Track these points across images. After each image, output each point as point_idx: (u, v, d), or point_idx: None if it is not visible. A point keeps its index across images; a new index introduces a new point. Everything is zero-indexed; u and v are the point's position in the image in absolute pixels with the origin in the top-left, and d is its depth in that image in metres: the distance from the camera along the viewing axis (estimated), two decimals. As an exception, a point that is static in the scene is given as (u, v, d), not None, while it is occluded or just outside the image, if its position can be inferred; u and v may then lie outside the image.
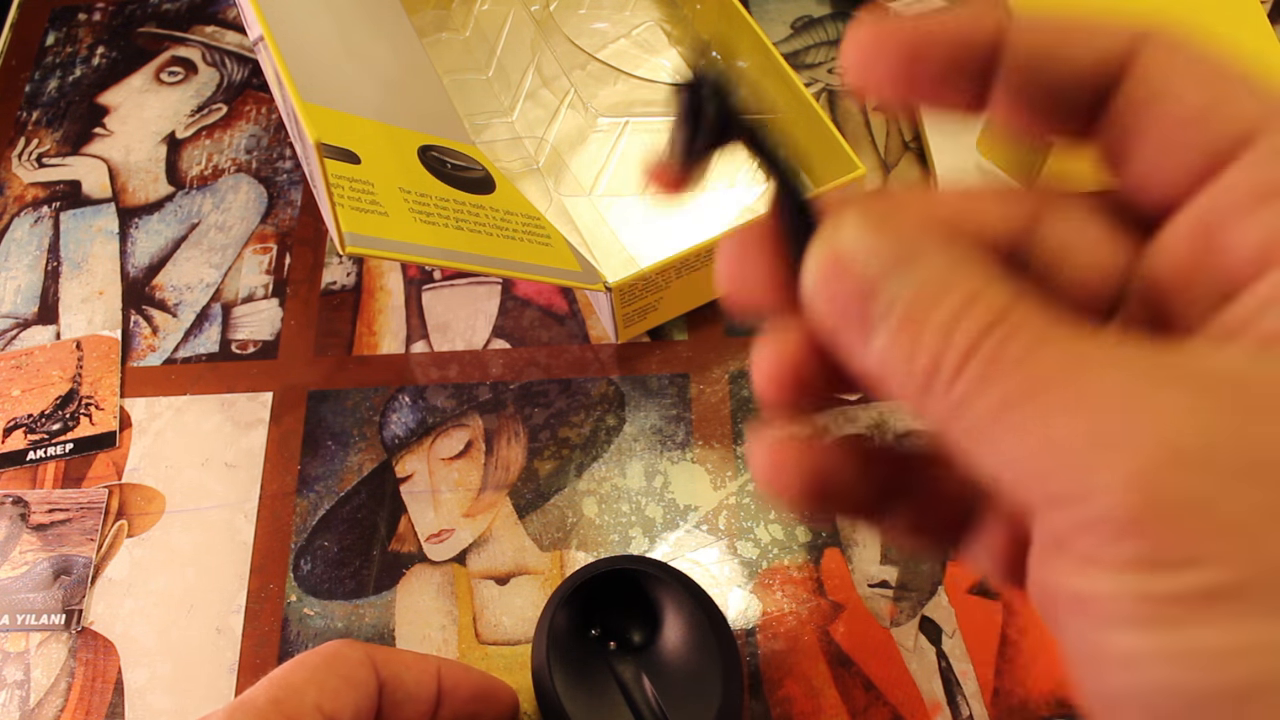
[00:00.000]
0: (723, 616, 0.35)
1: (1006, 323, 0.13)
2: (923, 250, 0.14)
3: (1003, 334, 0.13)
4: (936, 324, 0.14)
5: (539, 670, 0.34)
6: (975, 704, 0.37)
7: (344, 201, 0.34)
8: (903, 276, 0.14)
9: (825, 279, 0.15)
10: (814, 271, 0.15)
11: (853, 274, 0.15)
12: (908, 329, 0.14)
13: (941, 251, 0.14)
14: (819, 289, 0.15)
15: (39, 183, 0.53)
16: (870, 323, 0.14)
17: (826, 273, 0.15)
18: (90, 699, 0.39)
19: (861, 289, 0.14)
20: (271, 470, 0.43)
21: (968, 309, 0.14)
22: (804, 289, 0.15)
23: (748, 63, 0.49)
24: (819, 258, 0.15)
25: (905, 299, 0.14)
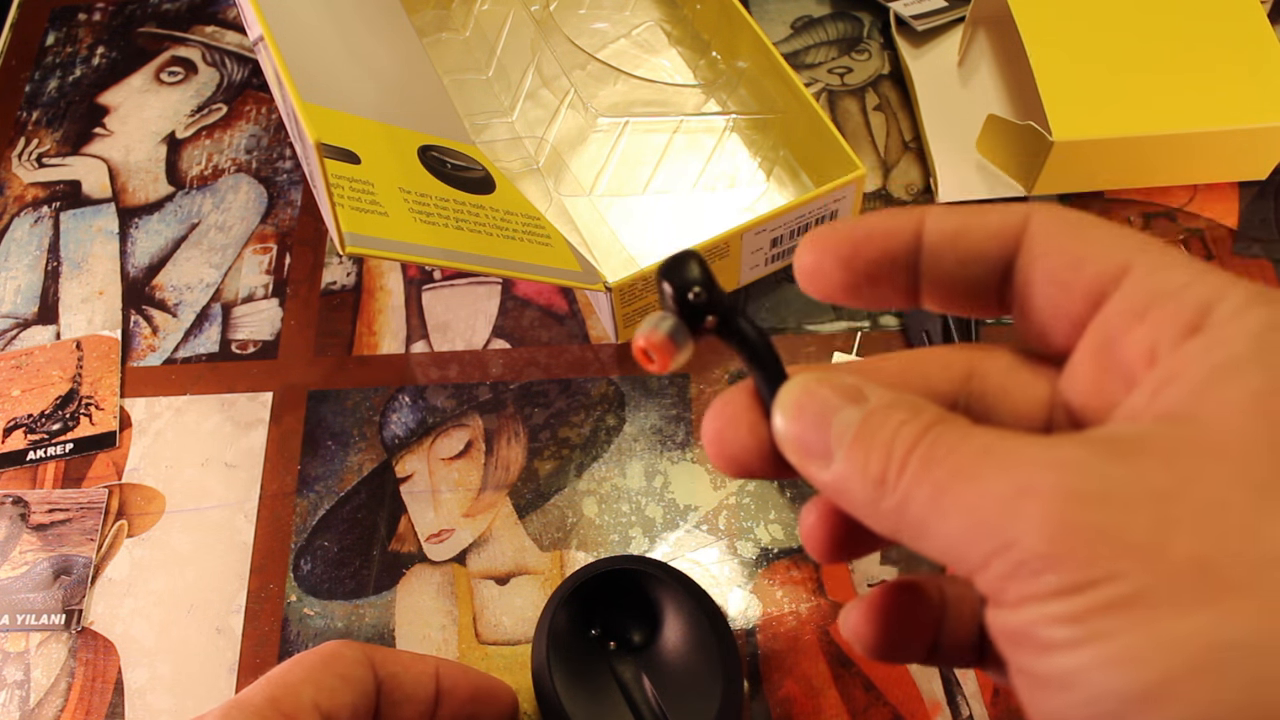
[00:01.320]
0: (723, 616, 0.35)
1: (935, 429, 0.16)
2: (867, 389, 0.18)
3: (933, 438, 0.16)
4: (881, 440, 0.16)
5: (539, 670, 0.34)
6: (975, 704, 0.37)
7: (344, 201, 0.34)
8: (852, 408, 0.17)
9: (791, 418, 0.18)
10: (782, 413, 0.18)
11: (812, 411, 0.18)
12: (859, 446, 0.17)
13: (883, 390, 0.17)
14: (787, 428, 0.18)
15: (39, 183, 0.53)
16: (828, 449, 0.17)
17: (792, 412, 0.18)
18: (90, 699, 0.39)
19: (820, 420, 0.17)
20: (271, 470, 0.43)
21: (905, 424, 0.16)
22: (775, 431, 0.18)
23: (748, 63, 0.49)
24: (785, 402, 0.18)
25: (855, 423, 0.17)
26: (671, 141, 0.48)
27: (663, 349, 0.19)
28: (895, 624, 0.22)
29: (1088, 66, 0.44)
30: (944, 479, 0.16)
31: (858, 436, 0.17)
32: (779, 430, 0.18)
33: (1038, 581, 0.14)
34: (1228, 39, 0.45)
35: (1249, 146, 0.44)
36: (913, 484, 0.16)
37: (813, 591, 0.39)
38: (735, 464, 0.19)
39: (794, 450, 0.18)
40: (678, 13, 0.52)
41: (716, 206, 0.46)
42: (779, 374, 0.19)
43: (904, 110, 0.50)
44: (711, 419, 0.19)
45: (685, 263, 0.19)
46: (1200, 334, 0.16)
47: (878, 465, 0.16)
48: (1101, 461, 0.15)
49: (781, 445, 0.18)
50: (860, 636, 0.22)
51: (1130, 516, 0.14)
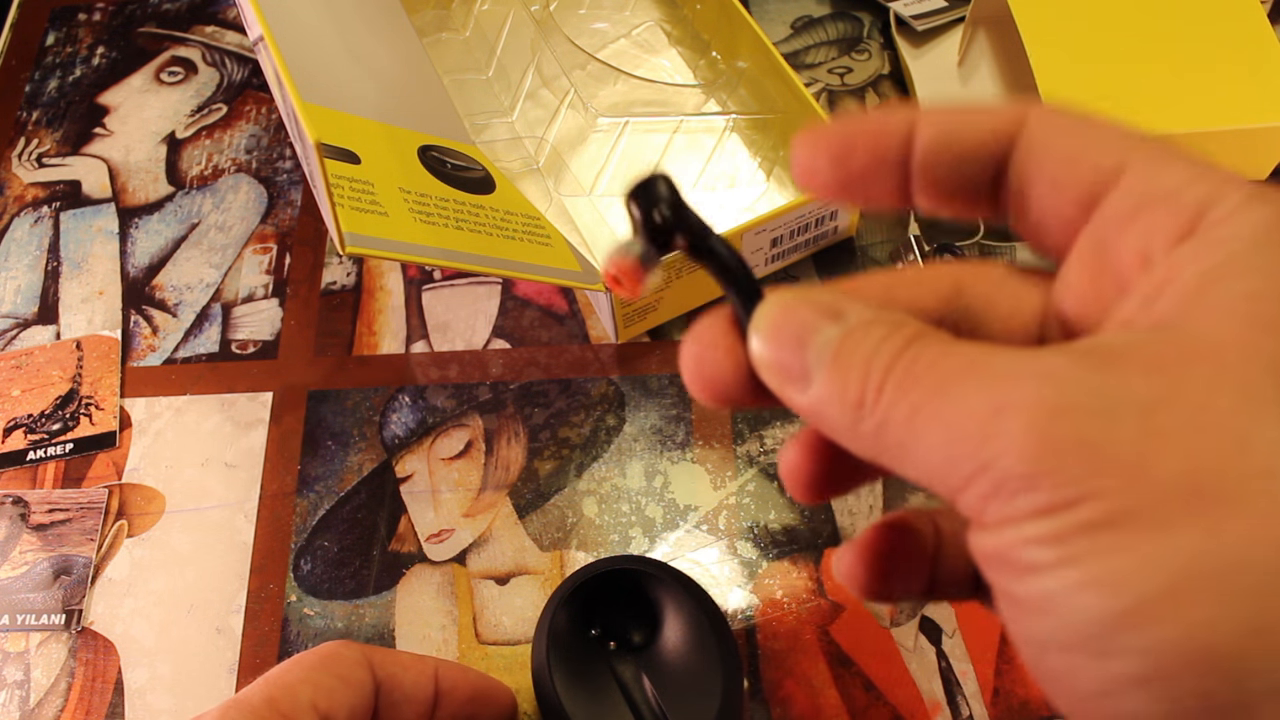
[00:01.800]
0: (723, 616, 0.35)
1: (915, 345, 0.15)
2: (847, 306, 0.17)
3: (912, 354, 0.15)
4: (860, 358, 0.16)
5: (539, 670, 0.34)
6: (975, 704, 0.37)
7: (344, 201, 0.34)
8: (831, 326, 0.16)
9: (767, 339, 0.17)
10: (758, 335, 0.17)
11: (789, 331, 0.17)
12: (837, 367, 0.16)
13: (863, 307, 0.17)
14: (764, 349, 0.17)
15: (39, 183, 0.53)
16: (807, 371, 0.17)
17: (768, 334, 0.17)
18: (90, 699, 0.39)
19: (797, 340, 0.17)
20: (271, 470, 0.43)
21: (885, 341, 0.16)
22: (751, 354, 0.18)
23: (748, 63, 0.49)
24: (761, 323, 0.17)
25: (833, 342, 0.16)
26: (671, 141, 0.48)
27: (632, 273, 0.18)
28: (889, 562, 0.21)
29: (1088, 66, 0.44)
30: (922, 397, 0.15)
31: (836, 356, 0.16)
32: (756, 353, 0.18)
33: (1017, 501, 0.14)
34: (1228, 39, 0.45)
35: (1249, 146, 0.44)
36: (891, 403, 0.15)
37: (813, 591, 0.39)
38: (714, 390, 0.18)
39: (772, 373, 0.17)
40: (678, 13, 0.52)
41: (716, 206, 0.46)
42: (755, 294, 0.18)
43: (904, 110, 0.50)
44: (689, 345, 0.19)
45: (653, 184, 0.18)
46: (1194, 237, 0.15)
47: (856, 385, 0.16)
48: (1085, 372, 0.14)
49: (759, 369, 0.18)
50: (854, 578, 0.22)
51: (1113, 430, 0.14)
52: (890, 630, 0.38)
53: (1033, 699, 0.37)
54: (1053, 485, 0.14)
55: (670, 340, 0.45)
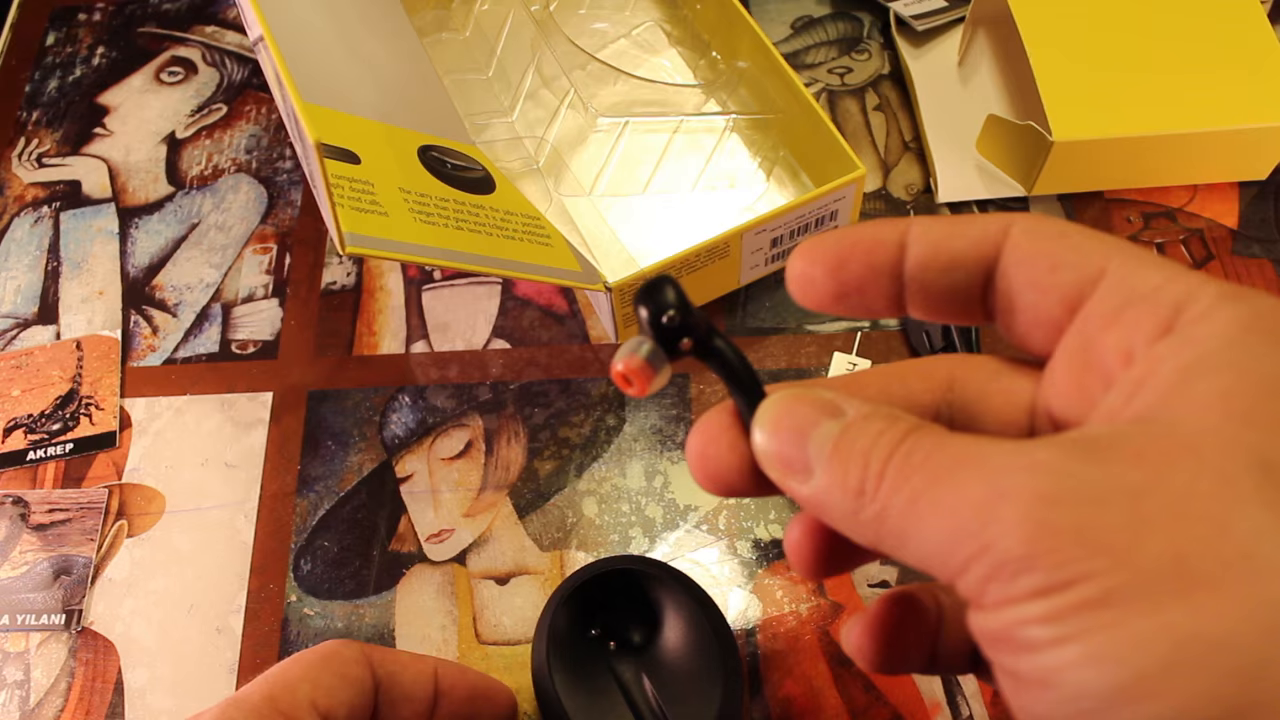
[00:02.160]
0: (722, 616, 0.35)
1: (912, 437, 0.16)
2: (845, 402, 0.18)
3: (909, 446, 0.16)
4: (859, 450, 0.17)
5: (539, 670, 0.34)
6: (975, 704, 0.37)
7: (344, 201, 0.34)
8: (830, 421, 0.17)
9: (770, 434, 0.18)
10: (761, 430, 0.18)
11: (791, 426, 0.18)
12: (837, 458, 0.17)
13: (861, 402, 0.18)
14: (767, 444, 0.18)
15: (39, 183, 0.53)
16: (808, 463, 0.17)
17: (770, 429, 0.18)
18: (90, 699, 0.39)
19: (799, 435, 0.18)
20: (271, 470, 0.43)
21: (883, 434, 0.17)
22: (755, 448, 0.19)
23: (748, 63, 0.49)
24: (763, 418, 0.18)
25: (833, 436, 0.17)
26: (671, 141, 0.48)
27: (641, 373, 0.19)
28: (896, 636, 0.22)
29: (1088, 66, 0.44)
30: (920, 486, 0.16)
31: (836, 448, 0.17)
32: (759, 447, 0.18)
33: (1016, 583, 0.15)
34: (1228, 39, 0.45)
35: (1249, 146, 0.44)
36: (890, 492, 0.16)
37: (813, 591, 0.39)
38: (719, 482, 0.19)
39: (774, 466, 0.18)
40: (678, 13, 0.52)
41: (716, 206, 0.46)
42: (757, 392, 0.19)
43: (904, 110, 0.50)
44: (694, 438, 0.20)
45: (660, 287, 0.19)
46: (1172, 334, 0.16)
47: (856, 476, 0.17)
48: (1074, 463, 0.15)
49: (762, 462, 0.19)
50: (862, 652, 0.23)
51: (1103, 515, 0.14)
52: (890, 630, 0.38)
53: (1033, 699, 0.37)
54: (1049, 567, 0.14)
55: (670, 340, 0.45)
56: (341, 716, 0.29)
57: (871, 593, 0.39)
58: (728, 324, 0.45)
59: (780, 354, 0.44)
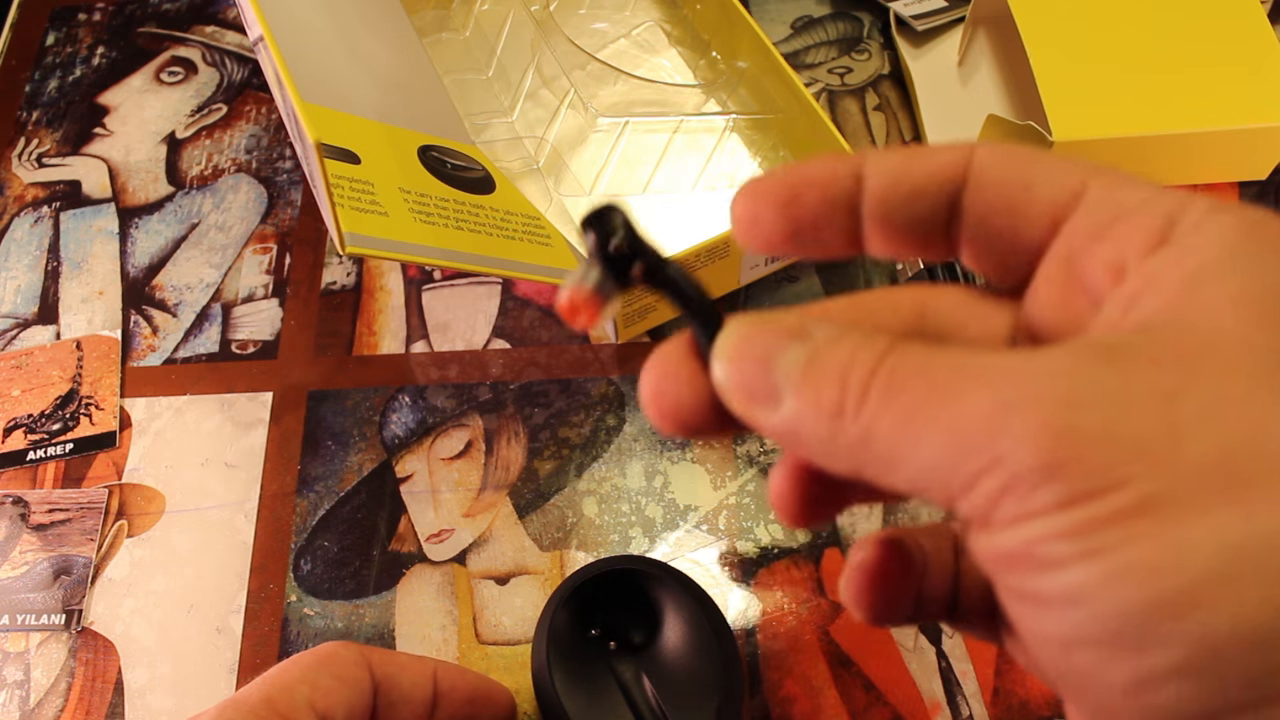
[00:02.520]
0: (722, 616, 0.35)
1: (896, 352, 0.15)
2: (812, 326, 0.16)
3: (893, 361, 0.15)
4: (834, 369, 0.16)
5: (539, 670, 0.34)
6: (975, 704, 0.37)
7: (344, 201, 0.34)
8: (797, 345, 0.16)
9: (730, 362, 0.17)
10: (720, 360, 0.17)
11: (753, 353, 0.17)
12: (809, 380, 0.16)
13: (829, 325, 0.16)
14: (728, 373, 0.17)
15: (39, 183, 0.53)
16: (775, 390, 0.16)
17: (731, 357, 0.17)
18: (90, 699, 0.39)
19: (763, 361, 0.16)
20: (271, 470, 0.43)
21: (860, 350, 0.15)
22: (715, 380, 0.17)
23: (748, 63, 0.49)
24: (723, 346, 0.17)
25: (802, 359, 0.16)
26: (671, 141, 0.48)
27: (589, 302, 0.18)
28: (890, 585, 0.21)
29: (1088, 66, 0.44)
30: (914, 401, 0.15)
31: (807, 370, 0.16)
32: (719, 378, 0.17)
33: (1034, 496, 0.14)
34: (1228, 39, 0.45)
35: (1249, 146, 0.44)
36: (877, 411, 0.15)
37: (813, 591, 0.39)
38: (676, 420, 0.18)
39: (738, 397, 0.17)
40: (678, 13, 0.52)
41: (716, 206, 0.46)
42: (716, 320, 0.18)
43: (904, 110, 0.51)
44: (648, 374, 0.18)
45: (607, 213, 0.18)
46: (1168, 245, 0.15)
47: (832, 396, 0.15)
48: (1093, 366, 0.14)
49: (724, 394, 0.17)
50: (862, 601, 0.21)
51: (1136, 418, 0.13)
52: (890, 630, 0.38)
53: (1032, 699, 0.37)
54: (1075, 475, 0.13)
55: (670, 340, 0.45)
56: (339, 718, 0.29)
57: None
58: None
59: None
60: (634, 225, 0.18)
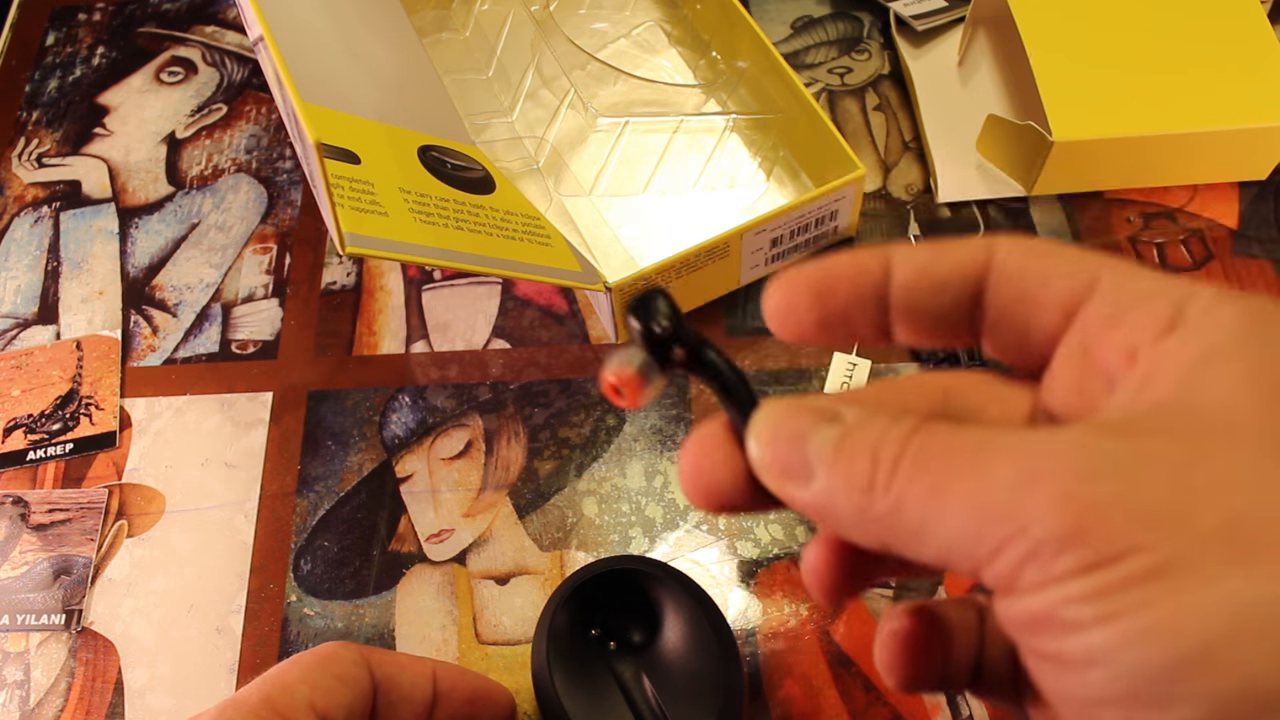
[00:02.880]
0: (723, 617, 0.35)
1: (924, 430, 0.16)
2: (843, 408, 0.18)
3: (922, 439, 0.16)
4: (865, 447, 0.17)
5: (539, 670, 0.34)
6: (975, 704, 0.37)
7: (344, 201, 0.34)
8: (827, 426, 0.17)
9: (766, 441, 0.18)
10: (756, 439, 0.18)
11: (787, 433, 0.18)
12: (841, 457, 0.17)
13: (859, 407, 0.18)
14: (763, 452, 0.18)
15: (39, 183, 0.53)
16: (808, 466, 0.17)
17: (766, 436, 0.18)
18: (90, 699, 0.39)
19: (797, 439, 0.18)
20: (271, 470, 0.43)
21: (890, 429, 0.17)
22: (751, 458, 0.18)
23: (748, 63, 0.49)
24: (758, 426, 0.18)
25: (833, 438, 0.17)
26: (671, 141, 0.48)
27: (632, 384, 0.19)
28: (922, 653, 0.22)
29: (1088, 66, 0.44)
30: (941, 475, 0.16)
31: (839, 448, 0.17)
32: (755, 456, 0.18)
33: (1057, 562, 0.14)
34: (1228, 39, 0.45)
35: (1249, 146, 0.44)
36: (906, 484, 0.16)
37: (813, 591, 0.39)
38: (714, 498, 0.19)
39: (773, 473, 0.18)
40: (678, 13, 0.52)
41: (716, 206, 0.46)
42: (751, 402, 0.19)
43: (904, 110, 0.51)
44: (686, 455, 0.19)
45: (652, 299, 0.19)
46: (1177, 330, 0.16)
47: (863, 470, 0.16)
48: (1109, 440, 0.15)
49: (759, 471, 0.18)
50: (894, 670, 0.22)
51: (1149, 488, 0.14)
52: (890, 630, 0.38)
53: (1033, 699, 0.37)
54: (1094, 542, 0.14)
55: (670, 340, 0.45)
56: (339, 718, 0.29)
57: (872, 593, 0.39)
58: (728, 323, 0.45)
59: (780, 354, 0.44)
60: (678, 311, 0.19)
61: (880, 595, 0.39)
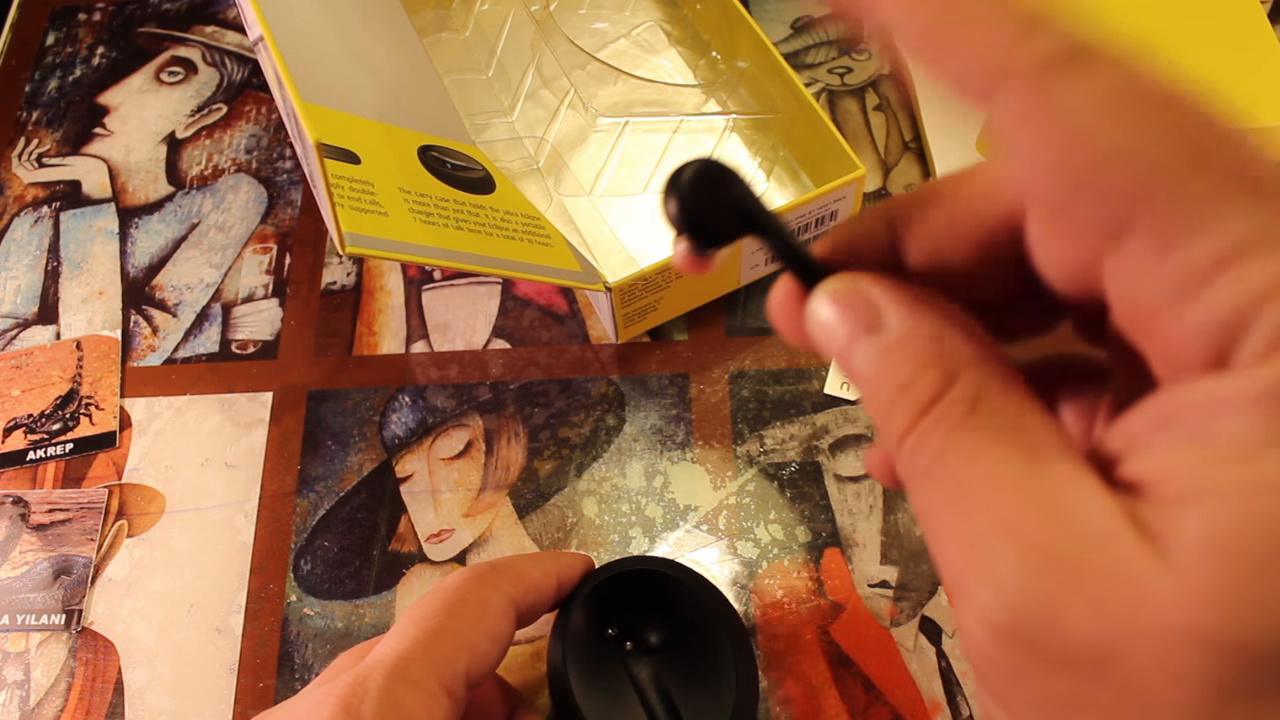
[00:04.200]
0: (740, 623, 0.35)
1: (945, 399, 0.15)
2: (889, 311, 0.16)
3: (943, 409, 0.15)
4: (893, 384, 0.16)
5: (555, 666, 0.34)
6: (975, 704, 0.37)
7: (344, 201, 0.34)
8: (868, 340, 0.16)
9: (818, 336, 0.17)
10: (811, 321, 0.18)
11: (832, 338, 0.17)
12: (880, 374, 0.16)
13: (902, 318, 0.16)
14: (817, 340, 0.18)
15: (39, 183, 0.53)
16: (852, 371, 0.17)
17: (817, 333, 0.17)
18: (90, 699, 0.39)
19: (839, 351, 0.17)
20: (271, 470, 0.43)
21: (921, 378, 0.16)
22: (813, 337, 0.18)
23: (748, 63, 0.49)
24: (810, 321, 0.17)
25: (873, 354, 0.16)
26: (671, 141, 0.48)
27: (694, 264, 0.19)
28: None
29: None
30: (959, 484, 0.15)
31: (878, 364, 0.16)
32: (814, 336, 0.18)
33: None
34: (1228, 39, 0.45)
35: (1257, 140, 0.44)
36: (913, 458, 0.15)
37: (813, 591, 0.39)
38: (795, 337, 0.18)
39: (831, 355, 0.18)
40: (678, 13, 0.52)
41: (716, 206, 0.46)
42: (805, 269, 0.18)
43: (904, 110, 0.50)
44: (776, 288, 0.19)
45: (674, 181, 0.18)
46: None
47: (887, 404, 0.16)
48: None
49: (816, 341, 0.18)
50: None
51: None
52: (890, 630, 0.38)
53: (1033, 699, 0.37)
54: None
55: (670, 340, 0.45)
56: (482, 678, 0.29)
57: (872, 593, 0.39)
58: (728, 324, 0.45)
59: (780, 354, 0.44)
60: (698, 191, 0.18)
61: (880, 595, 0.39)
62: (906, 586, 0.39)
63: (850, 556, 0.40)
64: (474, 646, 0.28)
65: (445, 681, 0.27)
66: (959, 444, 0.15)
